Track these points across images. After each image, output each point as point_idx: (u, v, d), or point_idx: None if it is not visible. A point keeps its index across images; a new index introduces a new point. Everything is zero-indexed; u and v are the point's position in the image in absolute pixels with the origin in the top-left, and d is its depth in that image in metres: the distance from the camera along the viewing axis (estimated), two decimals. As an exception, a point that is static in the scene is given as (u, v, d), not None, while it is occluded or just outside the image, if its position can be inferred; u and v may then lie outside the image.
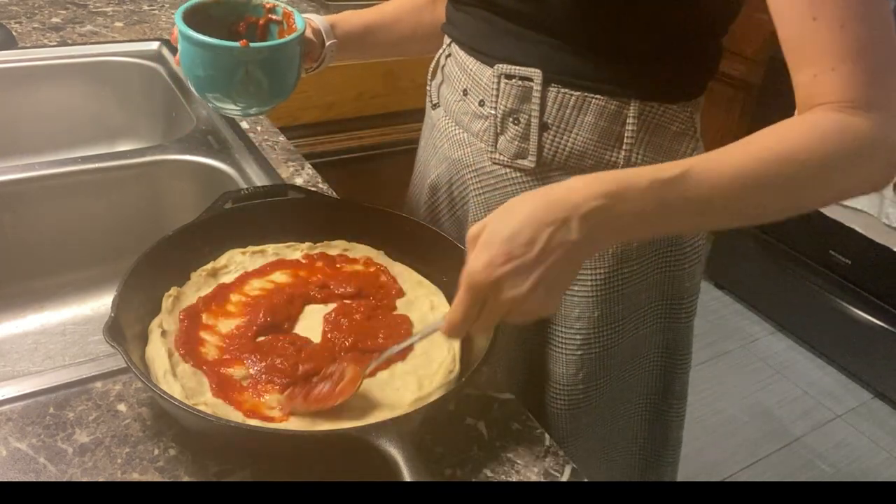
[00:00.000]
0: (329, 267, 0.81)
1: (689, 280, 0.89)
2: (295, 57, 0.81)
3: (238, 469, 0.63)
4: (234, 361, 0.68)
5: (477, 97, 0.83)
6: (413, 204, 1.02)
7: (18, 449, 0.62)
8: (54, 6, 1.53)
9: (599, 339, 0.86)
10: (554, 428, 0.90)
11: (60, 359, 0.97)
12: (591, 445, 0.93)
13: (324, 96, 1.66)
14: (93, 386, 0.69)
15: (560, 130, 0.79)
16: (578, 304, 0.85)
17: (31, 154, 1.22)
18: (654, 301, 0.88)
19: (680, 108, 0.80)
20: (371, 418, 0.63)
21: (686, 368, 0.96)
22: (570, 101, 0.77)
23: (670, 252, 0.86)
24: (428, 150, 0.96)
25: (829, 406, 2.22)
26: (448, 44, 0.89)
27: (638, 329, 0.89)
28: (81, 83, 1.29)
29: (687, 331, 0.93)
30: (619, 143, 0.79)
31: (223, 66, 0.76)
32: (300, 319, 0.75)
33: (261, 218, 0.83)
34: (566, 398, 0.89)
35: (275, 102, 0.83)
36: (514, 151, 0.82)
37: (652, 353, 0.92)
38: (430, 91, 0.94)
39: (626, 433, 0.97)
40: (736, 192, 0.61)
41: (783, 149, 0.61)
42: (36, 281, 1.03)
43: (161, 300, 0.73)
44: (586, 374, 0.87)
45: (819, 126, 0.61)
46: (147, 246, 0.73)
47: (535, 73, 0.77)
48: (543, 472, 0.65)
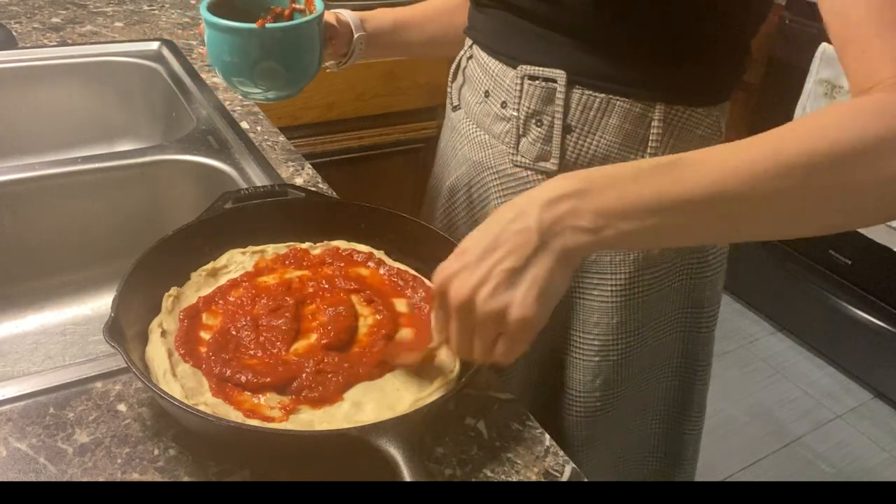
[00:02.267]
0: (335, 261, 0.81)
1: (710, 289, 0.88)
2: (314, 39, 0.82)
3: (238, 469, 0.63)
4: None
5: (499, 99, 0.83)
6: (430, 204, 1.01)
7: (18, 449, 0.62)
8: (54, 6, 1.53)
9: (618, 346, 0.85)
10: (569, 436, 0.89)
11: (60, 359, 0.97)
12: (605, 455, 0.92)
13: (324, 96, 1.66)
14: (93, 386, 0.69)
15: (583, 133, 0.78)
16: (597, 309, 0.83)
17: (31, 154, 1.22)
18: (674, 309, 0.87)
19: (706, 112, 0.78)
20: (371, 418, 0.63)
21: (706, 380, 0.94)
22: (594, 103, 0.76)
23: (693, 259, 0.85)
24: (448, 151, 0.95)
25: (829, 406, 2.22)
26: (469, 45, 0.88)
27: (657, 337, 0.87)
28: (81, 83, 1.29)
29: (707, 341, 0.91)
30: (643, 147, 0.77)
31: (243, 49, 0.78)
32: (301, 320, 0.75)
33: (261, 218, 0.83)
34: (583, 405, 0.87)
35: (297, 86, 0.84)
36: (536, 154, 0.81)
37: (671, 363, 0.91)
38: (451, 93, 0.94)
39: (642, 444, 0.95)
40: (755, 176, 0.51)
41: (808, 125, 0.53)
42: (36, 281, 1.03)
43: (161, 300, 0.73)
44: (603, 382, 0.86)
45: (856, 105, 0.53)
46: (147, 246, 0.73)
47: (559, 74, 0.76)
48: (543, 472, 0.65)
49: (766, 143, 0.52)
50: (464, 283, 0.54)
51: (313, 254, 0.82)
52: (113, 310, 0.65)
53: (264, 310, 0.73)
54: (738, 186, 0.51)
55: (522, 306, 0.53)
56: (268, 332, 0.70)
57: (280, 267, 0.80)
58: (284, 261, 0.81)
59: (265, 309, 0.73)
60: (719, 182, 0.51)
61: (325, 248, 0.83)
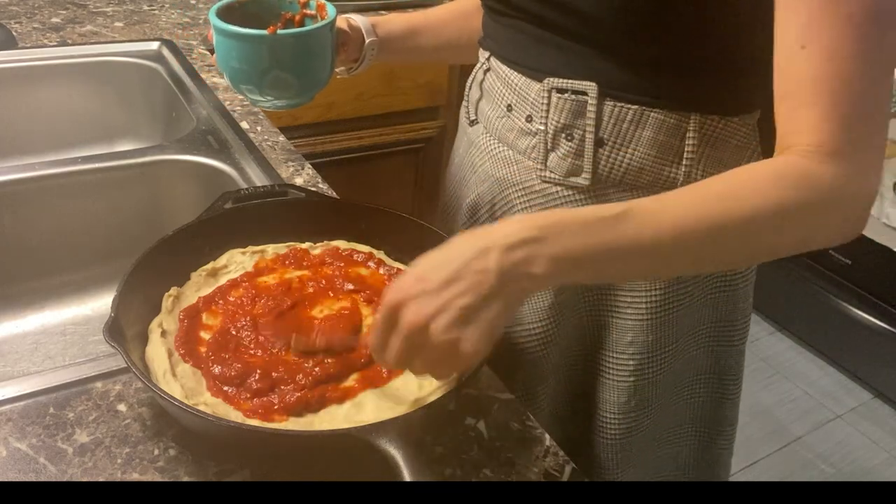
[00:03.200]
0: (335, 261, 0.81)
1: (743, 301, 0.86)
2: (326, 46, 0.80)
3: (238, 469, 0.63)
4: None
5: (523, 113, 0.79)
6: (447, 223, 0.97)
7: (18, 449, 0.63)
8: (54, 6, 1.53)
9: (652, 364, 0.83)
10: (603, 458, 0.87)
11: (60, 359, 0.97)
12: (640, 474, 0.90)
13: (324, 96, 1.66)
14: (93, 386, 0.69)
15: (616, 146, 0.75)
16: (632, 328, 0.82)
17: (31, 154, 1.22)
18: (706, 323, 0.85)
19: (741, 122, 0.75)
20: (371, 418, 0.63)
21: (737, 394, 0.92)
22: (627, 115, 0.73)
23: (724, 272, 0.83)
24: (465, 168, 0.91)
25: (829, 406, 2.22)
26: (487, 58, 0.85)
27: (690, 352, 0.85)
28: (81, 83, 1.29)
29: (739, 354, 0.90)
30: (678, 159, 0.75)
31: (253, 56, 0.77)
32: (303, 320, 0.75)
33: (261, 218, 0.83)
34: (617, 427, 0.85)
35: (307, 94, 0.82)
36: (567, 169, 0.77)
37: (703, 377, 0.89)
38: (468, 107, 0.90)
39: (675, 461, 0.93)
40: (684, 234, 0.58)
41: (734, 193, 0.59)
42: (36, 281, 1.03)
43: (161, 300, 0.73)
44: (639, 402, 0.84)
45: (777, 172, 0.59)
46: (147, 246, 0.73)
47: (589, 86, 0.73)
48: (543, 472, 0.65)
49: (696, 205, 0.59)
50: (421, 308, 0.56)
51: (313, 254, 0.82)
52: (113, 310, 0.65)
53: (264, 309, 0.73)
54: (670, 243, 0.58)
55: (473, 343, 0.56)
56: (266, 331, 0.70)
57: (280, 267, 0.80)
58: (284, 261, 0.81)
59: (265, 308, 0.73)
60: (655, 239, 0.58)
61: (325, 248, 0.83)
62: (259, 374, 0.65)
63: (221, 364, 0.67)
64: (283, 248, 0.83)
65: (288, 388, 0.64)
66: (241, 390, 0.65)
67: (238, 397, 0.64)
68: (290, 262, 0.81)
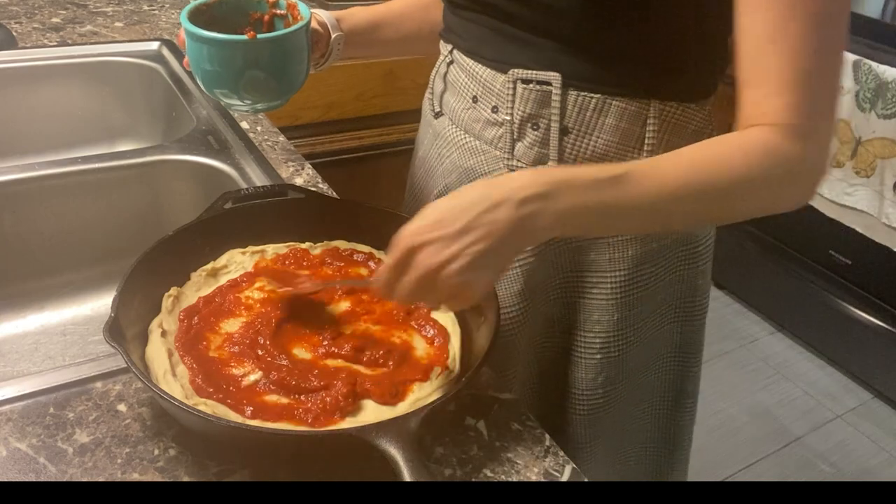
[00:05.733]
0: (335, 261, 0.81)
1: (702, 278, 0.90)
2: (303, 48, 0.80)
3: (238, 469, 0.63)
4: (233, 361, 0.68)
5: (489, 104, 0.81)
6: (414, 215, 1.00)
7: (18, 449, 0.63)
8: (54, 6, 1.53)
9: (619, 342, 0.86)
10: (572, 434, 0.90)
11: (60, 359, 0.97)
12: (608, 449, 0.93)
13: (324, 96, 1.66)
14: (93, 386, 0.69)
15: (581, 134, 0.78)
16: (598, 307, 0.84)
17: (31, 154, 1.22)
18: (670, 301, 0.88)
19: (697, 108, 0.79)
20: (371, 418, 0.63)
21: (698, 366, 0.96)
22: (590, 103, 0.76)
23: (685, 251, 0.86)
24: (431, 160, 0.93)
25: (829, 406, 2.22)
26: (449, 51, 0.87)
27: (655, 329, 0.89)
28: (81, 83, 1.29)
29: (700, 329, 0.94)
30: (640, 145, 0.78)
31: (231, 62, 0.76)
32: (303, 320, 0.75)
33: (261, 218, 0.83)
34: (586, 403, 0.88)
35: (284, 97, 0.82)
36: (533, 157, 0.80)
37: (667, 354, 0.92)
38: (432, 100, 0.92)
39: (642, 434, 0.96)
40: (671, 197, 0.65)
41: (713, 161, 0.65)
42: (36, 281, 1.03)
43: (161, 300, 0.73)
44: (606, 378, 0.87)
45: (750, 144, 0.65)
46: (147, 246, 0.73)
47: (553, 77, 0.76)
48: (543, 472, 0.65)
49: (685, 169, 0.65)
50: (438, 252, 0.60)
51: (313, 254, 0.82)
52: (113, 310, 0.65)
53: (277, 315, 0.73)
54: (662, 205, 0.65)
55: (482, 286, 0.64)
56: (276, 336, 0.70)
57: (280, 267, 0.80)
58: (284, 261, 0.81)
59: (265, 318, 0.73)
60: (650, 200, 0.64)
61: (325, 248, 0.83)
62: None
63: (222, 364, 0.67)
64: (283, 248, 0.83)
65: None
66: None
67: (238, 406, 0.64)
68: (290, 262, 0.81)
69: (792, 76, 0.64)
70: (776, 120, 0.65)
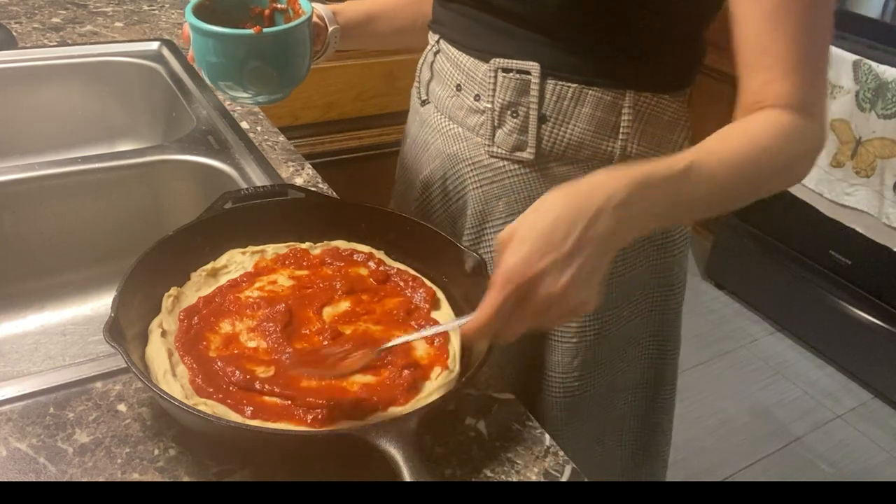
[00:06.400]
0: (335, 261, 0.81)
1: (677, 267, 0.92)
2: (305, 41, 0.82)
3: (238, 469, 0.63)
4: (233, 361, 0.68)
5: (472, 92, 0.85)
6: (401, 200, 1.02)
7: (18, 449, 0.63)
8: (54, 6, 1.53)
9: (594, 326, 0.88)
10: (548, 417, 0.92)
11: (60, 359, 0.97)
12: (584, 434, 0.94)
13: (324, 96, 1.67)
14: (93, 386, 0.69)
15: (558, 122, 0.81)
16: None
17: (31, 154, 1.22)
18: (646, 289, 0.90)
19: (672, 98, 0.82)
20: (371, 418, 0.63)
21: (676, 355, 0.98)
22: (567, 92, 0.79)
23: (660, 240, 0.89)
24: (417, 146, 0.96)
25: (829, 406, 2.22)
26: (436, 41, 0.90)
27: (631, 317, 0.91)
28: (81, 83, 1.29)
29: (676, 318, 0.96)
30: (615, 133, 0.80)
31: (235, 55, 0.78)
32: (304, 319, 0.75)
33: (261, 218, 0.83)
34: (561, 386, 0.90)
35: (287, 89, 0.84)
36: (512, 144, 0.83)
37: (644, 341, 0.94)
38: (419, 88, 0.95)
39: (620, 421, 0.98)
40: (729, 184, 0.67)
41: (756, 145, 0.68)
42: (36, 281, 1.03)
43: (161, 300, 0.73)
44: (581, 362, 0.89)
45: (783, 126, 0.68)
46: (147, 246, 0.73)
47: (532, 66, 0.79)
48: (543, 472, 0.65)
49: (737, 155, 0.67)
50: (557, 279, 0.59)
51: (313, 254, 0.82)
52: (113, 310, 0.65)
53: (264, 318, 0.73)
54: (724, 190, 0.68)
55: (595, 299, 0.63)
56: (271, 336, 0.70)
57: (280, 267, 0.80)
58: (284, 261, 0.81)
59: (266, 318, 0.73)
60: (714, 189, 0.67)
61: (325, 248, 0.83)
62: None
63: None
64: (283, 248, 0.83)
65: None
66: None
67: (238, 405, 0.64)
68: (290, 262, 0.81)
69: (796, 58, 0.67)
70: (787, 102, 0.68)
